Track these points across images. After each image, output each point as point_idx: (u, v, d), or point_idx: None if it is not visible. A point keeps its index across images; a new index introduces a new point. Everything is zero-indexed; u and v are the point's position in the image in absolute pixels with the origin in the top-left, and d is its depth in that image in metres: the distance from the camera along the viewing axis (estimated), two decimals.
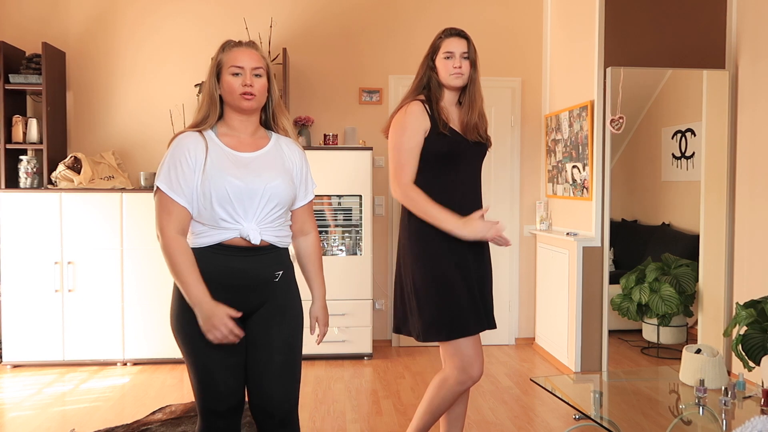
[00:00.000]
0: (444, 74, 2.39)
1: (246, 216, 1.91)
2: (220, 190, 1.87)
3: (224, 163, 1.91)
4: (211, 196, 1.87)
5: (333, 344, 4.50)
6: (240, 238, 1.92)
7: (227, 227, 1.90)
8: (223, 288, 1.91)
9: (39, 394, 3.82)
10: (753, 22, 3.92)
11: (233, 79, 1.93)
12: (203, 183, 1.87)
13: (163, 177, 1.89)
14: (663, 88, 4.35)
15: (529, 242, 5.09)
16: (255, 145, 2.00)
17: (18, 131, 4.44)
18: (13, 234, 4.29)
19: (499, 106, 5.04)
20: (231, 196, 1.88)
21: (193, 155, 1.89)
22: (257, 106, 1.98)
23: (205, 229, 1.91)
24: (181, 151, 1.90)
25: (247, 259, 1.94)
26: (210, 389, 1.93)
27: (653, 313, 4.11)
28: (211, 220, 1.90)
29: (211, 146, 1.92)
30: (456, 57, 2.37)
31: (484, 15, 5.03)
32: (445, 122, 2.36)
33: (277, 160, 2.01)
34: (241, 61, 1.93)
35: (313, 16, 4.96)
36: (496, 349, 4.93)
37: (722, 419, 2.39)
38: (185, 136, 1.93)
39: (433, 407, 2.47)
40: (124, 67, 4.84)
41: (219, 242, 1.91)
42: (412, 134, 2.34)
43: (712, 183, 4.13)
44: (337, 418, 3.44)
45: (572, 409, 2.90)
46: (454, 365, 2.42)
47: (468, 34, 2.43)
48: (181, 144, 1.91)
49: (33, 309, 4.31)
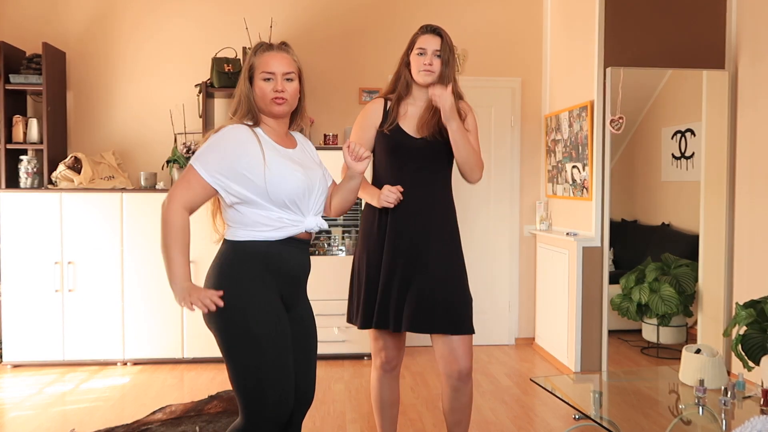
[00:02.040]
0: (415, 70, 2.40)
1: (308, 209, 1.97)
2: (289, 185, 1.88)
3: (281, 158, 1.92)
4: (279, 191, 1.87)
5: (333, 344, 4.50)
6: (304, 232, 1.97)
7: (295, 221, 1.93)
8: (289, 280, 1.96)
9: (39, 394, 3.82)
10: (753, 22, 3.92)
11: (265, 85, 1.93)
12: (269, 178, 1.86)
13: (199, 154, 1.88)
14: (663, 88, 4.35)
15: (529, 242, 5.09)
16: (291, 143, 2.04)
17: (18, 131, 4.44)
18: (14, 234, 4.30)
19: (498, 106, 5.04)
20: (300, 190, 1.91)
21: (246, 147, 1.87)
22: (289, 110, 1.99)
23: (271, 222, 1.91)
24: (230, 138, 1.88)
25: (305, 252, 2.02)
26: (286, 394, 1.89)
27: (653, 313, 4.11)
28: (278, 215, 1.91)
29: (263, 141, 1.93)
30: (428, 54, 2.38)
31: (484, 15, 5.03)
32: (392, 120, 2.41)
33: (308, 155, 2.09)
34: (272, 66, 1.93)
35: (313, 16, 4.96)
36: (496, 349, 4.94)
37: (722, 419, 2.39)
38: (238, 127, 1.91)
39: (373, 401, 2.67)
40: (124, 67, 4.85)
41: (289, 236, 1.93)
42: (360, 130, 2.47)
43: (712, 183, 4.13)
44: (337, 418, 3.44)
45: (572, 409, 2.90)
46: (372, 351, 2.63)
47: (445, 32, 2.43)
48: (233, 131, 1.90)
49: (33, 309, 4.31)
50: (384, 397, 2.64)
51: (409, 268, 2.41)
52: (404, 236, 2.42)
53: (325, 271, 4.42)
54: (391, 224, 2.43)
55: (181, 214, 1.85)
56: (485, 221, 5.04)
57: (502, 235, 5.06)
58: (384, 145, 2.43)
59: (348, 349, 4.56)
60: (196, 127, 4.79)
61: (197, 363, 4.44)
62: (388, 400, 2.64)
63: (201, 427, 3.18)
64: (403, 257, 2.41)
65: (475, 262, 5.04)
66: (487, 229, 5.05)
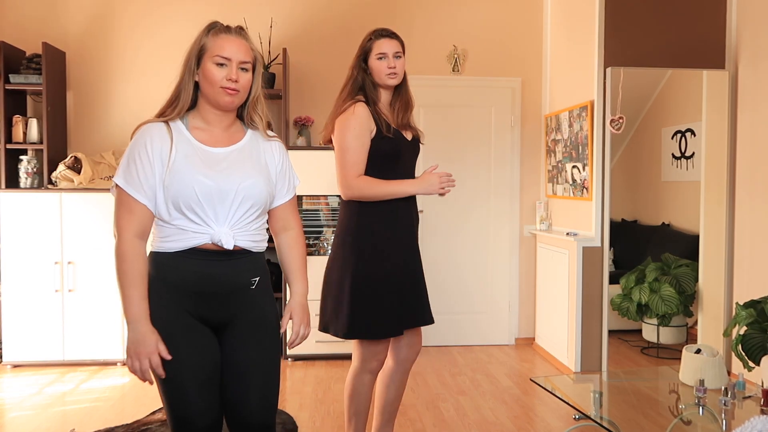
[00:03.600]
0: (380, 74, 2.44)
1: (217, 219, 1.73)
2: (187, 189, 1.68)
3: (192, 159, 1.72)
4: (177, 196, 1.69)
5: (333, 344, 4.50)
6: (212, 243, 1.74)
7: (197, 231, 1.72)
8: (194, 295, 1.75)
9: (39, 394, 3.82)
10: (753, 22, 3.92)
11: (216, 70, 1.73)
12: (169, 181, 1.69)
13: (122, 172, 1.70)
14: (663, 88, 4.35)
15: (529, 242, 5.09)
16: (229, 140, 1.81)
17: (18, 131, 4.44)
18: (13, 234, 4.29)
19: (499, 106, 5.04)
20: (200, 196, 1.69)
21: (156, 149, 1.70)
22: (238, 102, 1.79)
23: (174, 232, 1.73)
24: (141, 144, 1.70)
25: (221, 264, 1.76)
26: (181, 405, 1.75)
27: (653, 313, 4.11)
28: (180, 223, 1.72)
29: (178, 139, 1.73)
30: (389, 57, 2.44)
31: (484, 15, 5.03)
32: (387, 124, 2.43)
33: (253, 157, 1.83)
34: (228, 51, 1.73)
35: (313, 16, 4.96)
36: (496, 349, 4.94)
37: (722, 419, 2.39)
38: (148, 128, 1.73)
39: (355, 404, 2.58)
40: (124, 67, 4.85)
41: (191, 247, 1.73)
42: (358, 135, 2.38)
43: (712, 183, 4.13)
44: (337, 418, 3.44)
45: (572, 409, 2.90)
46: (360, 356, 2.52)
47: (397, 34, 2.52)
48: (143, 135, 1.71)
49: (33, 309, 4.31)
50: (368, 401, 2.60)
51: (419, 262, 2.56)
52: (413, 231, 2.54)
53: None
54: (403, 222, 2.48)
55: (134, 246, 1.68)
56: (485, 221, 5.04)
57: (502, 235, 5.06)
58: (385, 148, 2.42)
59: (348, 349, 4.55)
60: None
61: None
62: (370, 403, 2.64)
63: None
64: (416, 252, 2.55)
65: (475, 262, 5.04)
66: (487, 229, 5.05)
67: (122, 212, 1.70)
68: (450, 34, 5.00)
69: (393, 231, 2.45)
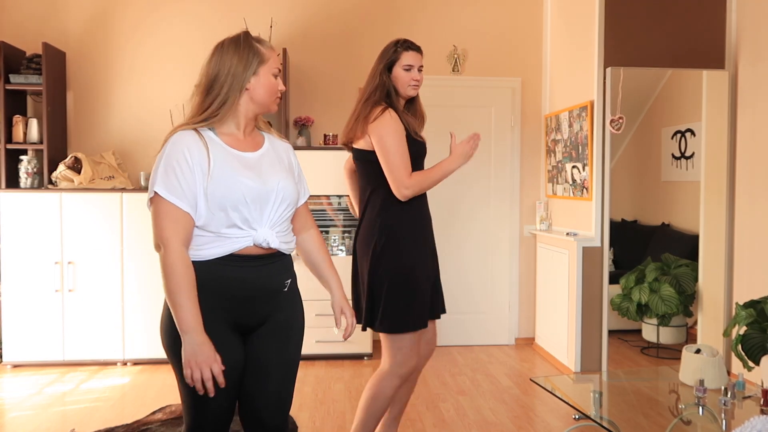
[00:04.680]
0: (403, 85, 2.55)
1: (261, 221, 1.79)
2: (234, 194, 1.72)
3: (232, 164, 1.76)
4: (225, 201, 1.72)
5: (333, 344, 4.50)
6: (253, 246, 1.78)
7: (240, 235, 1.76)
8: (227, 300, 1.77)
9: (39, 394, 3.82)
10: (753, 22, 3.92)
11: (274, 81, 1.86)
12: (213, 188, 1.71)
13: (160, 181, 1.70)
14: (663, 88, 4.35)
15: (529, 242, 5.09)
16: (253, 144, 1.88)
17: (18, 131, 4.44)
18: (14, 234, 4.30)
19: (499, 106, 5.04)
20: (247, 199, 1.74)
21: (195, 156, 1.72)
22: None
23: (212, 238, 1.75)
24: (179, 151, 1.72)
25: (257, 269, 1.80)
26: (203, 410, 1.79)
27: (653, 313, 4.11)
28: (221, 229, 1.74)
29: (212, 146, 1.77)
30: (414, 70, 2.56)
31: (484, 15, 5.03)
32: (414, 128, 2.56)
33: (279, 159, 1.91)
34: (278, 63, 1.88)
35: (313, 16, 4.96)
36: (496, 349, 4.94)
37: (722, 419, 2.39)
38: (182, 135, 1.75)
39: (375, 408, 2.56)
40: (124, 67, 4.85)
41: (231, 252, 1.75)
42: (401, 137, 2.48)
43: (712, 183, 4.13)
44: (337, 418, 3.44)
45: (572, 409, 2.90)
46: (395, 360, 2.52)
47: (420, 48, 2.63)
48: (179, 144, 1.73)
49: (33, 309, 4.31)
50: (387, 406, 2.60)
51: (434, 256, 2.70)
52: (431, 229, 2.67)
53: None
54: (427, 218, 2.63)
55: (183, 256, 1.68)
56: (485, 221, 5.04)
57: (502, 235, 5.07)
58: (415, 151, 2.53)
59: (348, 349, 4.56)
60: None
61: None
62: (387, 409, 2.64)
63: None
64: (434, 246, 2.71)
65: (475, 262, 5.05)
66: (487, 229, 5.05)
67: (167, 222, 1.69)
68: (450, 34, 5.01)
69: (422, 227, 2.59)
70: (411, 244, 2.52)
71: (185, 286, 1.66)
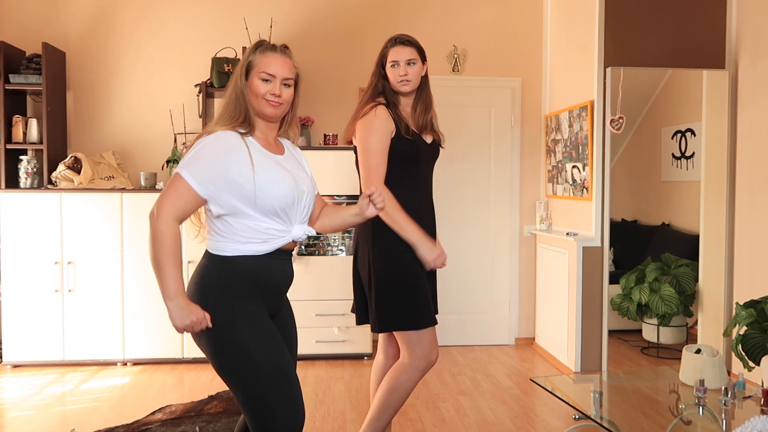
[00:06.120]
0: (393, 82, 2.51)
1: (295, 219, 1.92)
2: (281, 192, 1.83)
3: (272, 164, 1.86)
4: (272, 200, 1.82)
5: (333, 344, 4.50)
6: (292, 242, 1.93)
7: (284, 231, 1.89)
8: (274, 293, 1.92)
9: (39, 394, 3.82)
10: (753, 22, 3.92)
11: (261, 84, 1.87)
12: (259, 187, 1.80)
13: (186, 164, 1.78)
14: (663, 88, 4.35)
15: (529, 242, 5.09)
16: (278, 148, 1.98)
17: (18, 131, 4.44)
18: (13, 234, 4.29)
19: (499, 106, 5.04)
20: (291, 198, 1.86)
21: (234, 155, 1.80)
22: (280, 114, 1.93)
23: (255, 234, 1.84)
24: (221, 146, 1.80)
25: (288, 262, 1.97)
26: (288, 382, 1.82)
27: (653, 313, 4.11)
28: (264, 227, 1.85)
29: (252, 147, 1.86)
30: (401, 65, 2.48)
31: (484, 15, 5.03)
32: (407, 126, 2.49)
33: (299, 163, 2.05)
34: (273, 68, 1.87)
35: (313, 16, 4.96)
36: (496, 349, 4.94)
37: (722, 419, 2.39)
38: (226, 134, 1.83)
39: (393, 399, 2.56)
40: (124, 67, 4.85)
41: (278, 248, 1.89)
42: (380, 136, 2.43)
43: (712, 183, 4.13)
44: (337, 418, 3.44)
45: (572, 409, 2.90)
46: (415, 353, 2.51)
47: (414, 39, 2.54)
48: (221, 139, 1.82)
49: (33, 309, 4.31)
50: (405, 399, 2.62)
51: None
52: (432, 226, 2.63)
53: (325, 271, 4.41)
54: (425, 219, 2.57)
55: (171, 225, 1.75)
56: (485, 221, 5.04)
57: (502, 235, 5.07)
58: (404, 149, 2.47)
59: (348, 349, 4.56)
60: (196, 127, 4.79)
61: (197, 363, 4.44)
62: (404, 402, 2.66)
63: (201, 427, 3.18)
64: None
65: (475, 262, 5.04)
66: (487, 229, 5.05)
67: (171, 194, 1.78)
68: (450, 34, 5.00)
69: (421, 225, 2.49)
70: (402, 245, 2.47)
71: (173, 254, 1.74)
